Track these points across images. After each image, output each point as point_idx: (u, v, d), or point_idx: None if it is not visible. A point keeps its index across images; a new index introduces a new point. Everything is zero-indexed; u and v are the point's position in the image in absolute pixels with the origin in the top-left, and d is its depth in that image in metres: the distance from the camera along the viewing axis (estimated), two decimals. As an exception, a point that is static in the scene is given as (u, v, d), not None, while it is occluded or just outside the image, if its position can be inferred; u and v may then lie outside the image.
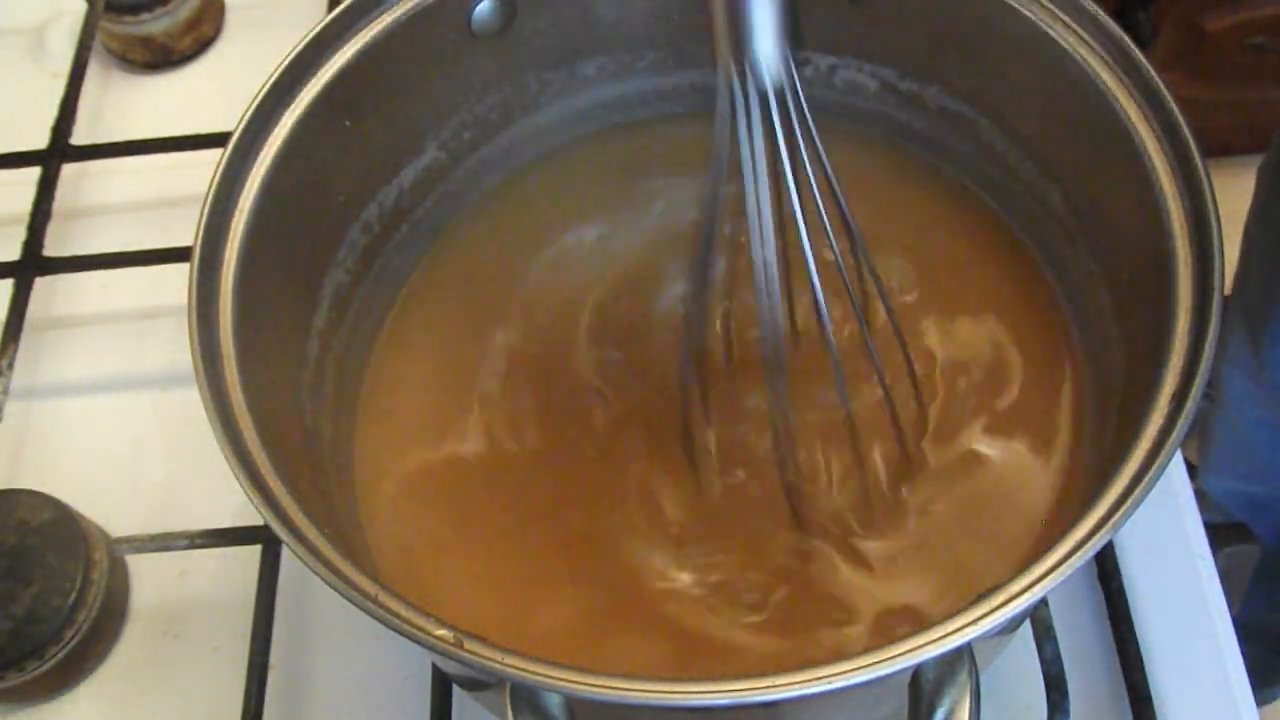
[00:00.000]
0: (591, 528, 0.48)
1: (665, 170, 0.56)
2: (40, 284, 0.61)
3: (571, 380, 0.51)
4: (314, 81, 0.45)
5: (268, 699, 0.50)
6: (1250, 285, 0.83)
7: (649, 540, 0.47)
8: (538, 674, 0.33)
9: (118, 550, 0.54)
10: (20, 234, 0.62)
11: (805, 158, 0.43)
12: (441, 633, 0.34)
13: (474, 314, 0.53)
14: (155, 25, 0.70)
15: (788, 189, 0.42)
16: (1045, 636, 0.49)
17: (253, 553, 0.53)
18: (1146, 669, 0.49)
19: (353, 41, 0.46)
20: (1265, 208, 0.82)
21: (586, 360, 0.52)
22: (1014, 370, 0.50)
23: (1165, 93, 0.42)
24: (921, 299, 0.52)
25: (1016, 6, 0.45)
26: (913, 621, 0.45)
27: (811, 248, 0.42)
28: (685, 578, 0.46)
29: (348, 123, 0.47)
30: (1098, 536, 0.35)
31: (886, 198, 0.54)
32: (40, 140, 0.65)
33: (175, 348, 0.60)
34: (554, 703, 0.35)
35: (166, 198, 0.66)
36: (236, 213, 0.43)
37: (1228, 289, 0.85)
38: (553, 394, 0.51)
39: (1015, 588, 0.34)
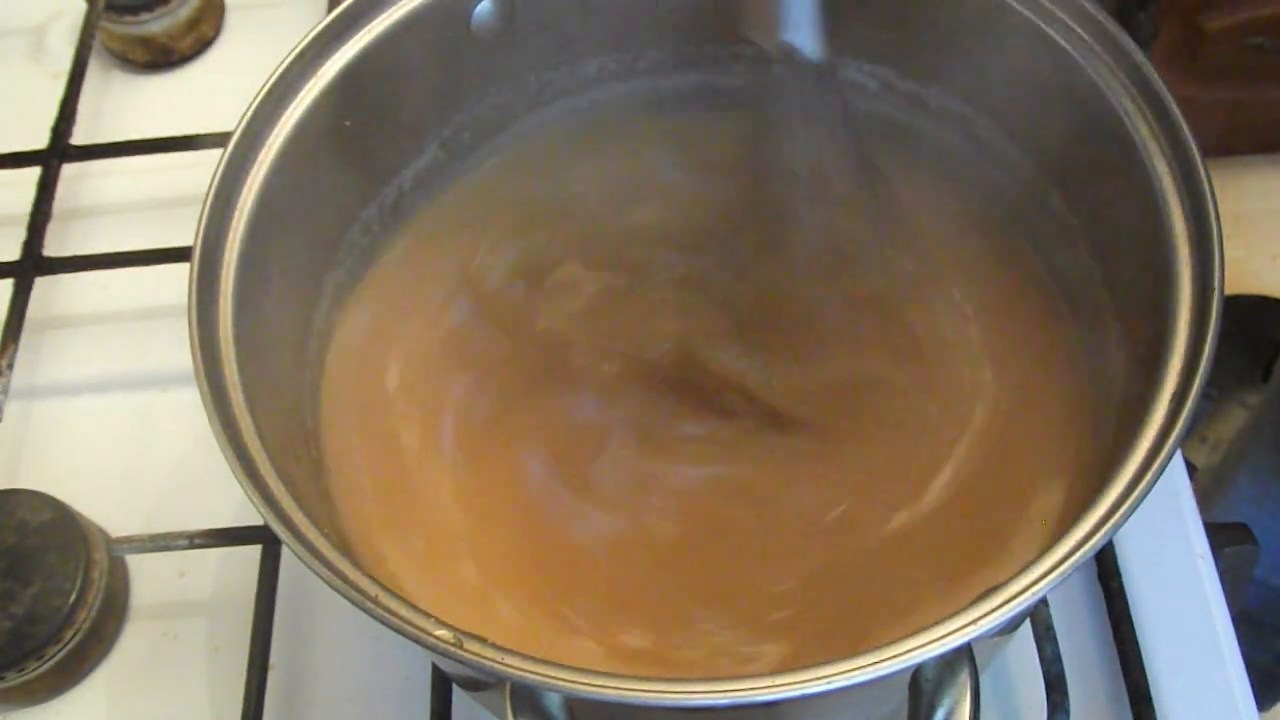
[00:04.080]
0: (599, 538, 0.48)
1: (665, 171, 0.56)
2: (40, 284, 0.61)
3: (570, 380, 0.51)
4: (314, 81, 0.45)
5: (268, 699, 0.50)
6: None
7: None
8: (538, 673, 0.33)
9: (118, 550, 0.54)
10: (20, 234, 0.62)
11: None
12: (441, 633, 0.34)
13: (476, 313, 0.53)
14: (155, 25, 0.70)
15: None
16: (1045, 636, 0.49)
17: (253, 553, 0.53)
18: (1146, 669, 0.49)
19: (353, 41, 0.46)
20: None
21: (590, 368, 0.52)
22: (1012, 370, 0.50)
23: (1165, 93, 0.42)
24: (920, 298, 0.52)
25: (1016, 6, 0.45)
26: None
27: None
28: None
29: (348, 123, 0.47)
30: (1098, 536, 0.35)
31: (884, 197, 0.54)
32: (40, 140, 0.65)
33: (175, 348, 0.60)
34: (554, 702, 0.35)
35: (166, 198, 0.66)
36: (236, 213, 0.43)
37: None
38: (551, 394, 0.51)
39: (1015, 588, 0.34)
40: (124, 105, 0.71)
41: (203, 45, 0.73)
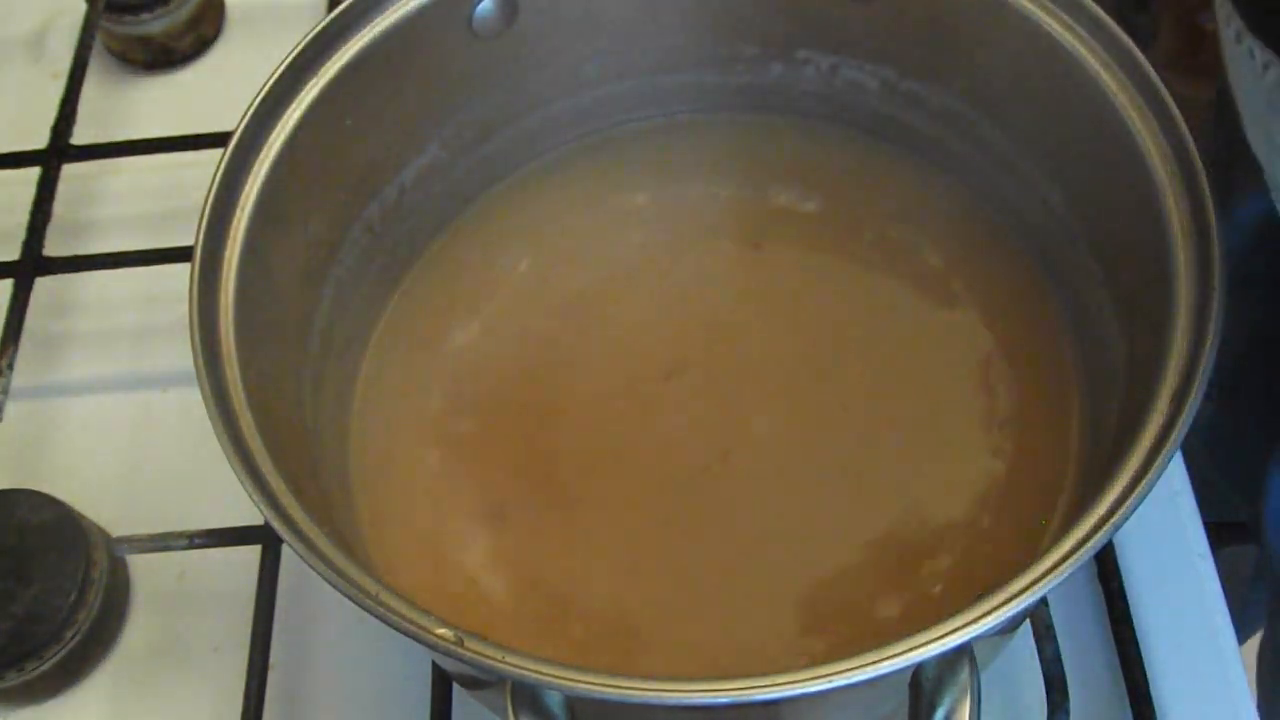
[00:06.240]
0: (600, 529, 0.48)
1: (666, 171, 0.56)
2: (40, 284, 0.61)
3: (573, 384, 0.51)
4: (314, 81, 0.45)
5: (268, 699, 0.50)
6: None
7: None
8: (539, 672, 0.33)
9: (118, 550, 0.54)
10: (20, 234, 0.62)
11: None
12: (442, 631, 0.34)
13: (474, 313, 0.53)
14: (155, 25, 0.70)
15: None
16: (1045, 636, 0.49)
17: (253, 553, 0.53)
18: (1146, 669, 0.49)
19: (353, 41, 0.46)
20: None
21: (589, 364, 0.52)
22: (1013, 370, 0.50)
23: (1165, 93, 0.42)
24: (921, 298, 0.52)
25: (1016, 6, 0.45)
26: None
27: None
28: None
29: (349, 122, 0.47)
30: (1098, 536, 0.35)
31: (885, 197, 0.54)
32: (40, 140, 0.65)
33: (175, 348, 0.60)
34: (555, 701, 0.35)
35: (166, 198, 0.66)
36: (237, 212, 0.43)
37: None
38: (553, 393, 0.51)
39: (1015, 587, 0.34)
40: (124, 105, 0.71)
41: (203, 45, 0.73)
